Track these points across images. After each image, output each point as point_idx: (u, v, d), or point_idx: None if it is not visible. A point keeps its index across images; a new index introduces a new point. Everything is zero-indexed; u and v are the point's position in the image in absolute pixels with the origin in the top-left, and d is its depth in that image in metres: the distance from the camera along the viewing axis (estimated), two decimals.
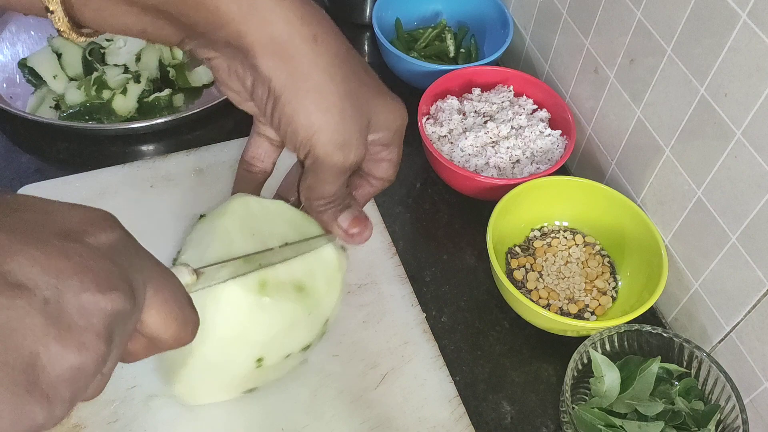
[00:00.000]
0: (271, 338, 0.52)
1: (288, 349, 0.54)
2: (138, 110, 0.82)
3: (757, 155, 0.54)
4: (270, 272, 0.50)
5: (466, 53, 0.90)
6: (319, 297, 0.53)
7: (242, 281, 0.49)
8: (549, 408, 0.64)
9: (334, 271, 0.54)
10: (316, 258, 0.53)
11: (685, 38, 0.60)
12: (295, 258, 0.52)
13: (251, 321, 0.50)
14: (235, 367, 0.53)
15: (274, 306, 0.50)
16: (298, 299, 0.51)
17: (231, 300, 0.49)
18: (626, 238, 0.70)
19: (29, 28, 0.92)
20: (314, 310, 0.53)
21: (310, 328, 0.54)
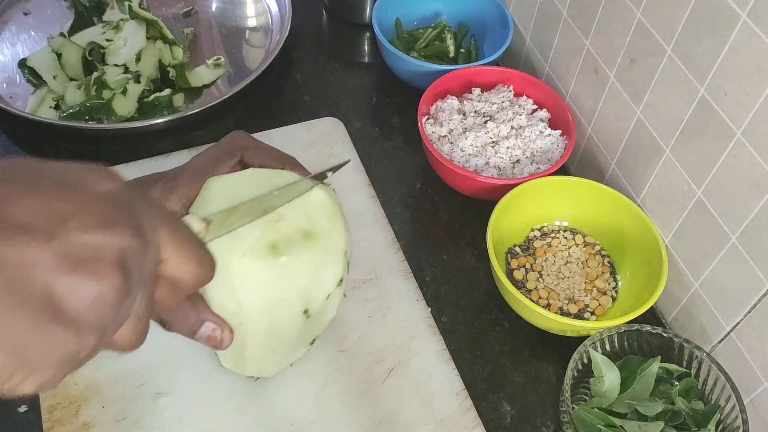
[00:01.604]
0: (305, 289, 0.53)
1: (325, 291, 0.55)
2: (138, 110, 0.82)
3: (757, 155, 0.54)
4: (273, 232, 0.52)
5: (466, 53, 0.90)
6: (328, 235, 0.54)
7: (252, 252, 0.51)
8: (549, 408, 0.64)
9: (331, 207, 0.56)
10: (307, 202, 0.55)
11: (685, 38, 0.60)
12: (290, 209, 0.53)
13: (280, 283, 0.52)
14: (289, 327, 0.55)
15: (293, 261, 0.52)
16: (311, 245, 0.53)
17: (252, 273, 0.51)
18: (626, 238, 0.70)
19: (29, 28, 0.92)
20: (330, 248, 0.55)
21: (335, 264, 0.55)
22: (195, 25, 0.94)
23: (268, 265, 0.51)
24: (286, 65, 0.91)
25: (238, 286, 0.51)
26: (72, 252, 0.31)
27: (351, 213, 0.74)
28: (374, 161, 0.81)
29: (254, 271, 0.51)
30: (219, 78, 0.88)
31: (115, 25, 0.88)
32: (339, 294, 0.57)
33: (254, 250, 0.51)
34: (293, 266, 0.52)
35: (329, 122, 0.83)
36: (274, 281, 0.52)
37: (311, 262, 0.53)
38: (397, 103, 0.88)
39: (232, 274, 0.51)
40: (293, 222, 0.53)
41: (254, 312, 0.52)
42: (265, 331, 0.54)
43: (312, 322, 0.56)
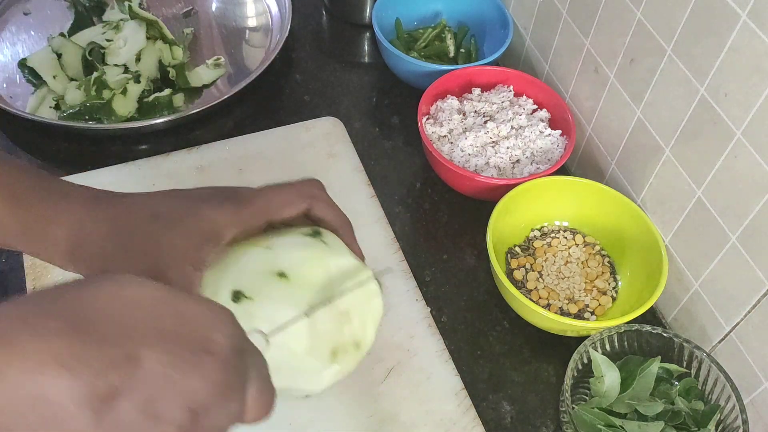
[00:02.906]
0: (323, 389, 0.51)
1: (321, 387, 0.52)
2: (138, 110, 0.82)
3: (757, 155, 0.54)
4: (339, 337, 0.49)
5: (466, 53, 0.90)
6: (369, 345, 0.52)
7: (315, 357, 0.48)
8: (549, 408, 0.64)
9: (379, 314, 0.53)
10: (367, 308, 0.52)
11: (685, 38, 0.60)
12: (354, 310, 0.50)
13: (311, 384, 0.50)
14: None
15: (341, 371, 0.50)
16: (356, 357, 0.51)
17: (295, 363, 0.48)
18: (626, 238, 0.70)
19: (29, 28, 0.92)
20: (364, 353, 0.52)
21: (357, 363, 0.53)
22: (195, 25, 0.94)
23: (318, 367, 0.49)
24: (286, 65, 0.91)
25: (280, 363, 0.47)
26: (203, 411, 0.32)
27: (351, 213, 0.74)
28: (374, 161, 0.81)
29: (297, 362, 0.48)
30: (219, 78, 0.88)
31: (115, 25, 0.88)
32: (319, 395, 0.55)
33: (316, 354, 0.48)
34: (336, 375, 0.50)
35: (329, 122, 0.83)
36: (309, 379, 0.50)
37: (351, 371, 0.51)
38: (397, 103, 0.88)
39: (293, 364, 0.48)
40: (354, 328, 0.51)
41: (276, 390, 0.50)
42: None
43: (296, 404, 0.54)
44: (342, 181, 0.77)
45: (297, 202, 0.54)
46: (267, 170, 0.76)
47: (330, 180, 0.76)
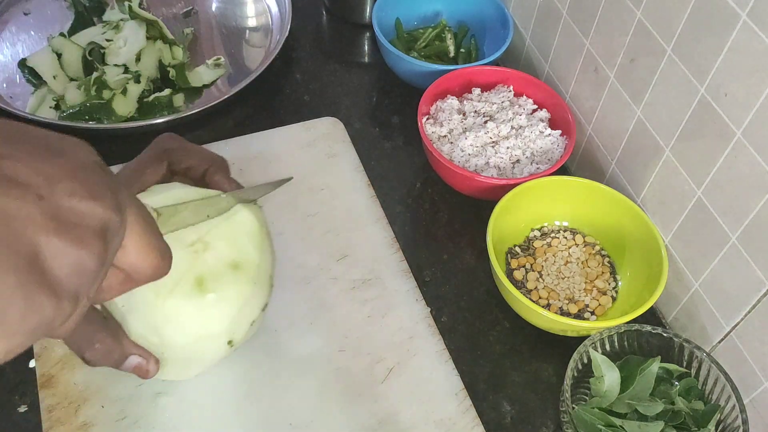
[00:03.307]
0: (231, 322, 0.53)
1: (250, 319, 0.55)
2: (138, 110, 0.82)
3: (757, 155, 0.54)
4: (200, 264, 0.51)
5: (466, 53, 0.90)
6: (256, 264, 0.53)
7: (178, 290, 0.50)
8: (549, 408, 0.64)
9: (258, 232, 0.54)
10: (235, 228, 0.53)
11: (685, 38, 0.60)
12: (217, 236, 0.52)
13: (206, 319, 0.51)
14: (211, 357, 0.55)
15: (220, 297, 0.51)
16: (238, 278, 0.52)
17: (178, 312, 0.50)
18: (626, 238, 0.70)
19: (29, 28, 0.92)
20: (257, 277, 0.54)
21: (261, 292, 0.55)
22: (195, 25, 0.94)
23: (194, 304, 0.50)
24: (286, 65, 0.91)
25: (162, 325, 0.50)
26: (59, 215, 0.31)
27: (351, 213, 0.74)
28: (374, 161, 0.81)
29: (180, 311, 0.50)
30: (219, 78, 0.88)
31: (115, 25, 0.88)
32: (260, 319, 0.57)
33: (180, 288, 0.50)
34: (220, 302, 0.51)
35: (329, 122, 0.83)
36: (200, 318, 0.51)
37: (238, 295, 0.52)
38: (397, 103, 0.88)
39: (156, 314, 0.50)
40: (221, 252, 0.52)
41: (177, 346, 0.52)
42: (189, 359, 0.54)
43: (234, 348, 0.55)
44: (342, 181, 0.77)
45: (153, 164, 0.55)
46: (267, 170, 0.77)
47: (330, 180, 0.76)
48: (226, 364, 0.62)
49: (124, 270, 0.37)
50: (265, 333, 0.64)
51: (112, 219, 0.33)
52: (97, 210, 0.32)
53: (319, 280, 0.68)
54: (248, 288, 0.53)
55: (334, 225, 0.73)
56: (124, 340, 0.51)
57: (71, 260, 0.31)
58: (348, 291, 0.68)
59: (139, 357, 0.51)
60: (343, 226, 0.73)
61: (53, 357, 0.61)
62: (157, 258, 0.37)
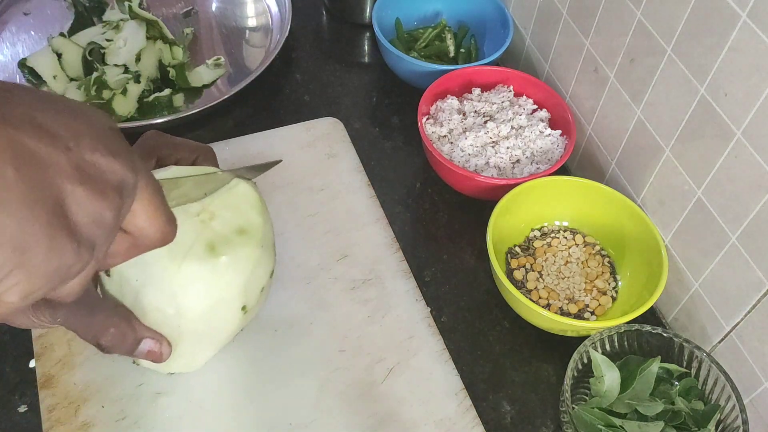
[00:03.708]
0: (244, 285, 0.54)
1: (260, 284, 0.56)
2: (138, 110, 0.82)
3: (757, 155, 0.54)
4: (208, 232, 0.52)
5: (466, 53, 0.90)
6: (261, 228, 0.55)
7: (192, 256, 0.51)
8: (549, 408, 0.64)
9: (259, 200, 0.57)
10: (236, 197, 0.55)
11: (685, 38, 0.60)
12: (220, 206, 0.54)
13: (221, 283, 0.53)
14: (226, 325, 0.56)
15: (233, 259, 0.53)
16: (247, 241, 0.54)
17: (194, 277, 0.51)
18: (626, 238, 0.70)
19: (29, 28, 0.92)
20: (264, 241, 0.55)
21: (267, 257, 0.57)
22: (195, 25, 0.94)
23: (209, 267, 0.52)
24: (286, 65, 0.91)
25: (178, 292, 0.51)
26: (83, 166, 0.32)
27: (351, 213, 0.74)
28: (374, 161, 0.81)
29: (195, 275, 0.51)
30: (219, 78, 0.88)
31: (115, 25, 0.88)
32: (269, 285, 0.59)
33: (193, 252, 0.51)
34: (233, 265, 0.53)
35: (329, 122, 0.83)
36: (216, 282, 0.52)
37: (249, 258, 0.54)
38: (397, 103, 0.88)
39: (172, 281, 0.51)
40: (226, 219, 0.54)
41: (194, 314, 0.53)
42: (203, 331, 0.55)
43: (247, 316, 0.57)
44: (342, 181, 0.77)
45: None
46: None
47: (330, 180, 0.76)
48: (227, 363, 0.62)
49: (131, 234, 0.38)
50: (265, 333, 0.64)
51: (129, 177, 0.35)
52: (116, 167, 0.34)
53: (319, 280, 0.68)
54: (257, 251, 0.54)
55: (334, 225, 0.73)
56: (136, 324, 0.52)
57: (92, 210, 0.32)
58: (348, 291, 0.68)
59: (152, 340, 0.52)
60: (343, 226, 0.73)
61: (53, 357, 0.61)
62: (164, 223, 0.39)
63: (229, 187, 0.55)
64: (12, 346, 0.64)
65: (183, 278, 0.51)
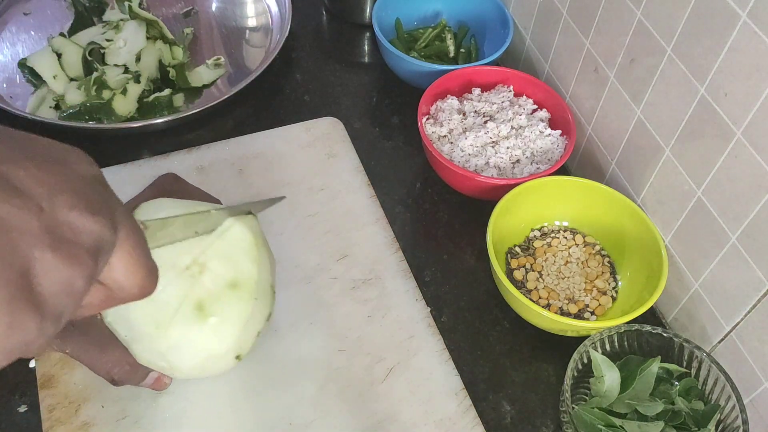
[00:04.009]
0: (236, 339, 0.52)
1: (255, 332, 0.54)
2: (138, 110, 0.82)
3: (757, 155, 0.54)
4: (198, 289, 0.50)
5: (466, 53, 0.90)
6: (254, 279, 0.53)
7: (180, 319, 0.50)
8: (549, 408, 0.64)
9: (253, 245, 0.53)
10: (229, 244, 0.52)
11: (685, 38, 0.60)
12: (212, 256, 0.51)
13: (212, 342, 0.51)
14: (218, 370, 0.55)
15: (223, 318, 0.51)
16: (239, 297, 0.52)
17: (182, 340, 0.50)
18: (626, 238, 0.70)
19: (29, 28, 0.92)
20: (257, 292, 0.53)
21: (263, 305, 0.54)
22: (195, 25, 0.94)
23: (198, 329, 0.50)
24: (286, 65, 0.91)
25: (168, 352, 0.51)
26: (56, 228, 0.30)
27: (351, 213, 0.74)
28: (374, 161, 0.81)
29: (184, 338, 0.50)
30: (219, 78, 0.88)
31: (115, 25, 0.88)
32: (268, 325, 0.56)
33: (181, 314, 0.50)
34: (223, 324, 0.51)
35: (329, 122, 0.83)
36: (205, 342, 0.51)
37: (241, 314, 0.52)
38: (397, 103, 0.88)
39: (160, 342, 0.50)
40: (218, 272, 0.51)
41: (185, 369, 0.52)
42: (196, 376, 0.55)
43: (243, 360, 0.55)
44: (342, 181, 0.77)
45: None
46: (267, 170, 0.77)
47: (330, 180, 0.76)
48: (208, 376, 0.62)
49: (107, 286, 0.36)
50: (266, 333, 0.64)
51: (106, 236, 0.32)
52: (93, 226, 0.31)
53: (319, 280, 0.68)
54: (249, 305, 0.52)
55: (334, 225, 0.73)
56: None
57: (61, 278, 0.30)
58: (348, 291, 0.68)
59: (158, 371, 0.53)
60: (343, 226, 0.73)
61: (53, 357, 0.61)
62: (143, 277, 0.36)
63: (222, 230, 0.52)
64: None
65: (171, 341, 0.50)
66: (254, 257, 0.53)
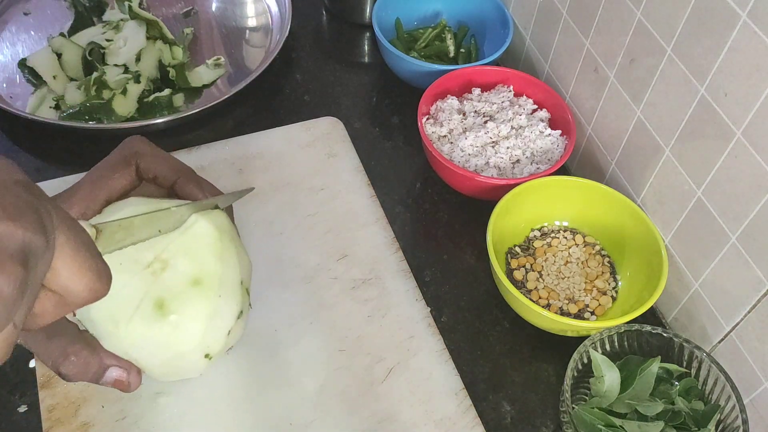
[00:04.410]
0: (201, 338, 0.51)
1: (224, 330, 0.52)
2: (138, 110, 0.82)
3: (757, 155, 0.54)
4: (158, 287, 0.49)
5: (466, 53, 0.90)
6: (218, 276, 0.51)
7: (139, 316, 0.49)
8: (549, 408, 0.64)
9: (218, 241, 0.52)
10: (193, 241, 0.51)
11: (685, 38, 0.60)
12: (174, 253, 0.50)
13: (174, 339, 0.50)
14: (190, 371, 0.53)
15: (184, 316, 0.50)
16: (201, 293, 0.50)
17: (142, 337, 0.49)
18: (626, 238, 0.70)
19: (29, 28, 0.92)
20: (222, 290, 0.51)
21: (230, 303, 0.52)
22: (195, 25, 0.94)
23: (158, 327, 0.49)
24: (286, 65, 0.91)
25: (130, 350, 0.50)
26: None
27: (351, 213, 0.74)
28: (374, 161, 0.81)
29: (144, 337, 0.49)
30: (219, 78, 0.88)
31: (115, 25, 0.88)
32: (241, 324, 0.55)
33: (140, 313, 0.49)
34: (184, 322, 0.50)
35: (329, 122, 0.83)
36: (167, 340, 0.50)
37: (202, 312, 0.50)
38: (397, 103, 0.88)
39: (121, 341, 0.49)
40: (178, 269, 0.50)
41: (152, 367, 0.51)
42: (166, 375, 0.53)
43: (216, 358, 0.54)
44: (342, 181, 0.77)
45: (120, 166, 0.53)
46: (267, 170, 0.77)
47: (330, 180, 0.76)
48: (226, 363, 0.62)
49: (56, 292, 0.34)
50: (265, 333, 0.64)
51: (35, 240, 0.31)
52: (15, 232, 0.30)
53: (319, 279, 0.68)
54: (213, 302, 0.51)
55: (334, 225, 0.73)
56: (101, 352, 0.49)
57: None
58: (348, 291, 0.68)
59: (120, 368, 0.49)
60: (343, 226, 0.73)
61: None
62: (92, 280, 0.35)
63: (186, 226, 0.51)
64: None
65: (131, 340, 0.49)
66: (218, 253, 0.51)
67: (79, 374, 0.47)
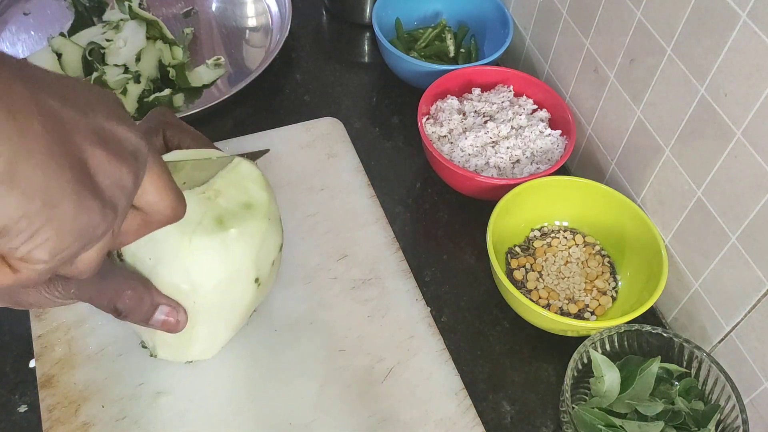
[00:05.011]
0: (255, 257, 0.55)
1: (271, 256, 0.57)
2: (138, 110, 0.82)
3: (757, 155, 0.54)
4: (215, 208, 0.53)
5: (466, 53, 0.91)
6: (267, 203, 0.56)
7: (201, 230, 0.52)
8: (549, 408, 0.64)
9: (260, 177, 0.57)
10: (239, 176, 0.56)
11: (685, 38, 0.60)
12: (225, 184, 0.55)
13: (232, 255, 0.53)
14: (241, 298, 0.56)
15: (242, 231, 0.53)
16: (254, 215, 0.55)
17: (205, 250, 0.52)
18: (626, 238, 0.70)
19: (29, 28, 0.92)
20: (270, 215, 0.56)
21: (275, 230, 0.57)
22: (195, 25, 0.94)
23: (219, 240, 0.52)
24: (286, 65, 0.91)
25: (191, 266, 0.52)
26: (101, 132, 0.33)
27: (351, 213, 0.74)
28: (374, 161, 0.81)
29: (206, 248, 0.52)
30: (219, 78, 0.88)
31: (115, 25, 0.88)
32: (279, 260, 0.59)
33: (202, 227, 0.52)
34: (242, 237, 0.53)
35: (329, 122, 0.83)
36: (227, 255, 0.53)
37: (258, 230, 0.54)
38: (397, 103, 0.88)
39: (184, 255, 0.51)
40: (231, 196, 0.55)
41: (208, 289, 0.53)
42: (218, 306, 0.55)
43: (260, 290, 0.57)
44: (342, 181, 0.77)
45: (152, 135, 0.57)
46: (267, 170, 0.76)
47: (330, 180, 0.76)
48: (226, 363, 0.62)
49: (142, 210, 0.38)
50: (266, 332, 0.64)
51: (142, 147, 0.35)
52: (130, 135, 0.34)
53: (319, 279, 0.68)
54: (264, 223, 0.55)
55: (334, 225, 0.73)
56: (153, 289, 0.51)
57: (113, 172, 0.33)
58: (348, 291, 0.68)
59: (168, 307, 0.52)
60: (343, 226, 0.73)
61: (53, 357, 0.61)
62: (174, 199, 0.39)
63: (231, 167, 0.56)
64: (12, 346, 0.64)
65: (194, 253, 0.51)
66: (264, 186, 0.57)
67: (134, 309, 0.50)
